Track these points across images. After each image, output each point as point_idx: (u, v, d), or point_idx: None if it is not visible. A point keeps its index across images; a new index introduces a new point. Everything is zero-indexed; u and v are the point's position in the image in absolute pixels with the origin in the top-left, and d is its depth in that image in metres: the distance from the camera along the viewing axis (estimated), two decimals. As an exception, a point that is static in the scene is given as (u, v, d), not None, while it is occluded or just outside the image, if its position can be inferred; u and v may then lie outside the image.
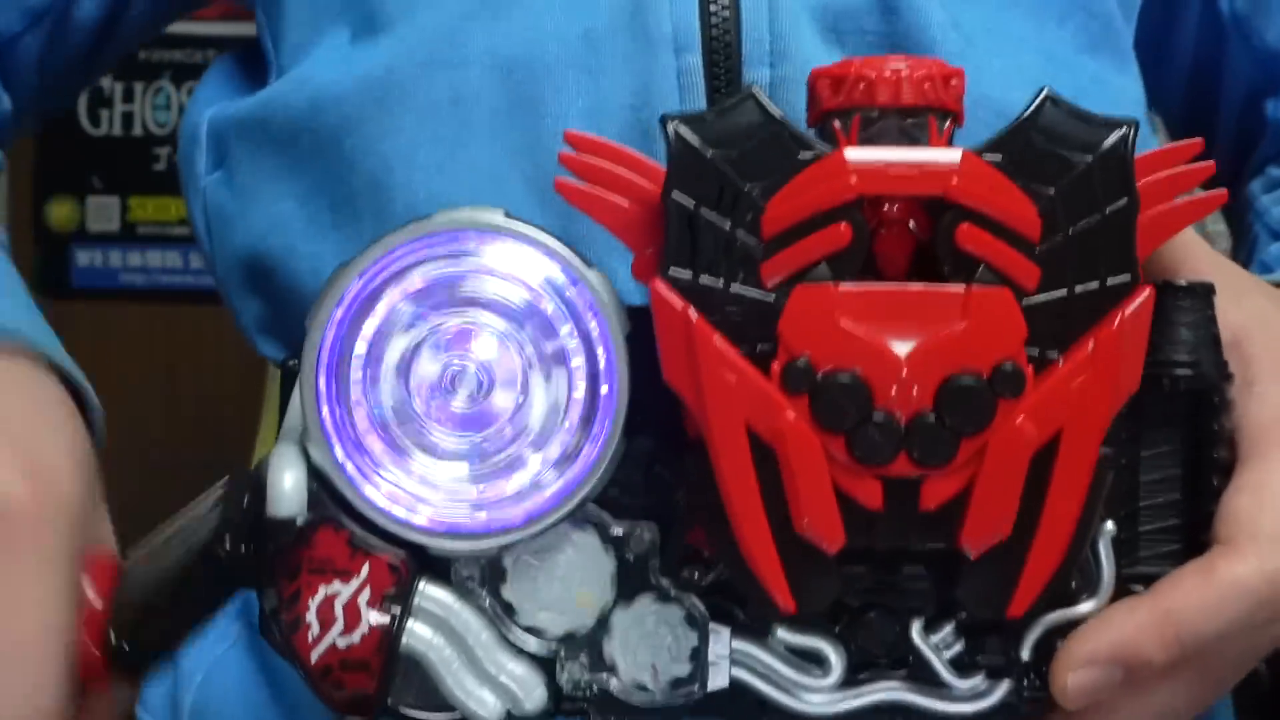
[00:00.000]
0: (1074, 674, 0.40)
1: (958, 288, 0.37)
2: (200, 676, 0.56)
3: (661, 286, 0.38)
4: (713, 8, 0.48)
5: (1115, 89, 0.55)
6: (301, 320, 0.54)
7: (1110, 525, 0.41)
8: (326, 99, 0.53)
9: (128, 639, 0.41)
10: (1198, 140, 0.40)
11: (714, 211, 0.38)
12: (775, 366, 0.37)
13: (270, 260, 0.55)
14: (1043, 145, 0.38)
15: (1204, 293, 0.42)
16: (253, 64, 0.62)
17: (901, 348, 0.37)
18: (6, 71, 0.59)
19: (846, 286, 0.37)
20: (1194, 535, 0.42)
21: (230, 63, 0.64)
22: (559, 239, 0.40)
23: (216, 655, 0.56)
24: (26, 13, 0.58)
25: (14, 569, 0.37)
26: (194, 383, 1.39)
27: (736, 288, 0.38)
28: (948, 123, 0.39)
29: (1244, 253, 0.60)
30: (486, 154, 0.51)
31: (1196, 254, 0.45)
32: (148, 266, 1.55)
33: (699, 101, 0.49)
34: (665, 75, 0.49)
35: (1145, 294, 0.38)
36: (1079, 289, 0.37)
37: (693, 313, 0.37)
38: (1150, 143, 0.56)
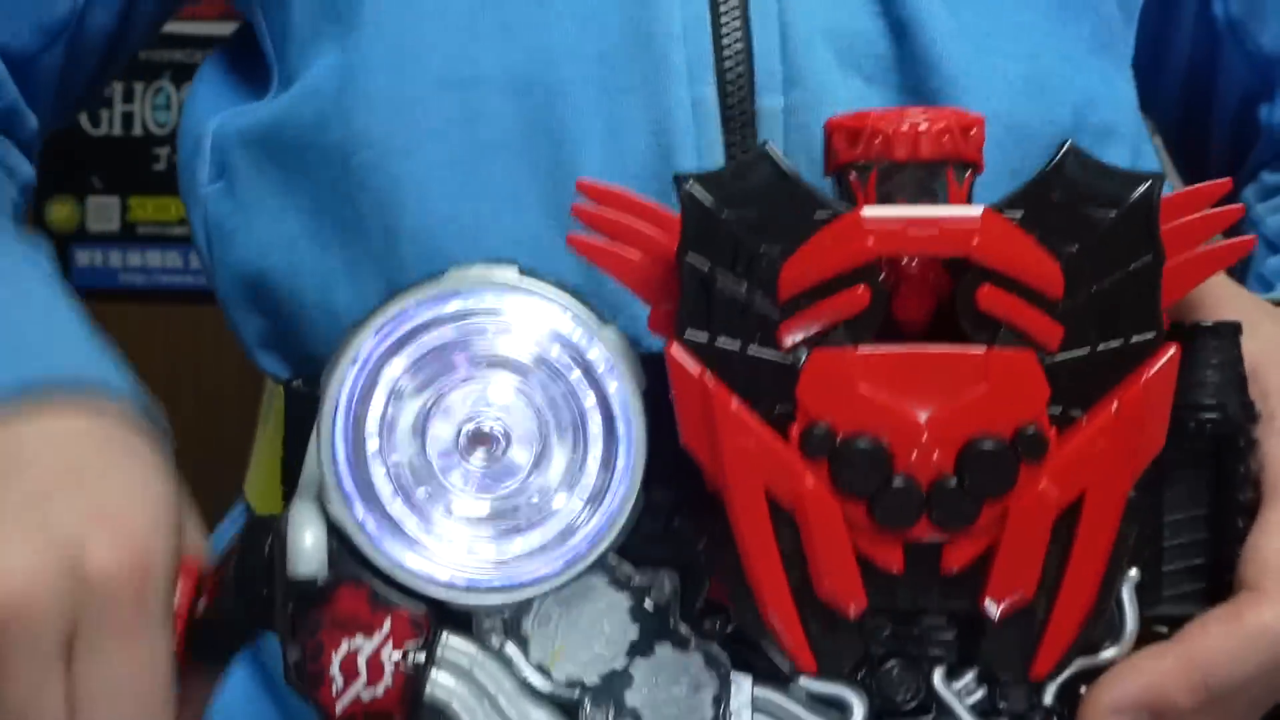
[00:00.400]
0: (1102, 716, 0.40)
1: (978, 349, 0.36)
2: (205, 689, 0.57)
3: (678, 351, 0.37)
4: (725, 40, 0.47)
5: (1119, 90, 0.55)
6: (305, 337, 0.55)
7: (1134, 572, 0.40)
8: (334, 115, 0.52)
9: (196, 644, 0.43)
10: (1225, 181, 0.39)
11: (730, 273, 0.37)
12: (794, 431, 0.37)
13: (274, 277, 0.55)
14: (1065, 200, 0.37)
15: (1229, 333, 0.41)
16: (247, 64, 0.61)
17: (922, 412, 0.36)
18: (29, 90, 0.59)
19: (865, 349, 0.37)
20: (1218, 575, 0.42)
21: (223, 62, 0.63)
22: (573, 294, 0.40)
23: None
24: (43, 31, 0.58)
25: (127, 640, 0.40)
26: (194, 383, 1.39)
27: (754, 350, 0.37)
28: (967, 173, 0.38)
29: (1239, 262, 0.59)
30: (503, 175, 0.50)
31: (1212, 281, 0.44)
32: (147, 266, 1.54)
33: (713, 129, 0.48)
34: (680, 104, 0.48)
35: (1170, 352, 0.37)
36: (1102, 347, 0.37)
37: (709, 379, 0.37)
38: (1146, 145, 0.55)
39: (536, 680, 0.42)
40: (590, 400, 0.39)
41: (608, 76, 0.49)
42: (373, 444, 0.40)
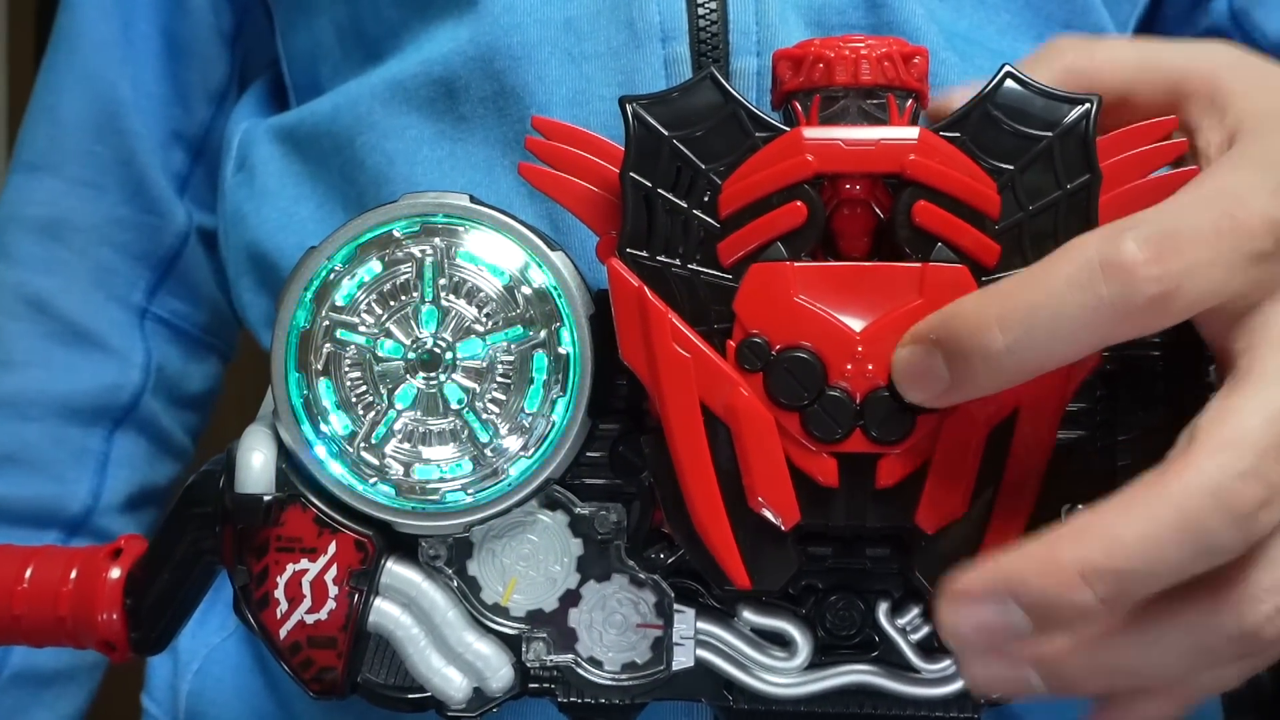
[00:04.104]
0: (947, 605, 0.34)
1: (914, 265, 0.37)
2: (197, 665, 0.57)
3: (618, 265, 0.38)
4: (699, 2, 0.48)
5: None
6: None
7: (1081, 509, 0.40)
8: (344, 102, 0.55)
9: (140, 613, 0.43)
10: (1171, 119, 0.39)
11: (671, 192, 0.38)
12: (730, 344, 0.37)
13: (278, 255, 0.56)
14: (1003, 122, 0.37)
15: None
16: (270, 88, 0.67)
17: (856, 324, 0.37)
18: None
19: (802, 264, 0.37)
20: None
21: (261, 89, 0.66)
22: (522, 222, 0.40)
23: (213, 645, 0.57)
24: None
25: None
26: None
27: (694, 267, 0.38)
28: (909, 102, 0.39)
29: None
30: (481, 145, 0.52)
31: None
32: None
33: None
34: (651, 64, 0.49)
35: None
36: None
37: (647, 290, 0.37)
38: None
39: (479, 609, 0.42)
40: (538, 324, 0.40)
41: (574, 41, 0.50)
42: (321, 363, 0.40)
